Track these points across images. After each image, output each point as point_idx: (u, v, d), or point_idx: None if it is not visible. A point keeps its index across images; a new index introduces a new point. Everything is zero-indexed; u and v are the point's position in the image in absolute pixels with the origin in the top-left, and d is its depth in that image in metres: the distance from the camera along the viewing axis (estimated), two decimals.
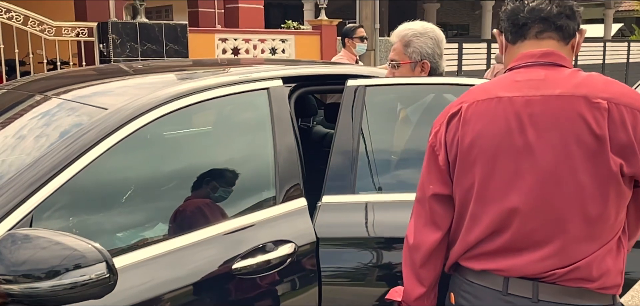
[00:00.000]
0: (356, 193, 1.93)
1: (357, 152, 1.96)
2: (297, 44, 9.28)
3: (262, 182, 1.90)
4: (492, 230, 1.35)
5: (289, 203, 1.87)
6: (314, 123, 3.54)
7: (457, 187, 1.41)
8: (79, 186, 1.54)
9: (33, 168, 1.50)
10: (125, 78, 2.24)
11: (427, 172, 1.47)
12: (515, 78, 1.37)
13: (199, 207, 1.79)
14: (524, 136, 1.30)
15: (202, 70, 2.45)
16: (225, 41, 8.64)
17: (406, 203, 1.91)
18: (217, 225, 1.73)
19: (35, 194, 1.46)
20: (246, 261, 1.68)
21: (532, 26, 1.39)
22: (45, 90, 2.07)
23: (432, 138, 1.46)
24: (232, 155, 1.94)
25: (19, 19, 6.39)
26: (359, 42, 4.69)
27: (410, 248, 1.50)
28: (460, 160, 1.38)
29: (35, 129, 1.74)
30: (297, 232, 1.82)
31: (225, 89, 1.89)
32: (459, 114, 1.39)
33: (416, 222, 1.50)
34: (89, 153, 1.54)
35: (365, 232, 1.89)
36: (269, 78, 2.01)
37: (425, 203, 1.47)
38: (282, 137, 1.92)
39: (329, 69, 2.41)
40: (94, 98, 1.87)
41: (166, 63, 2.78)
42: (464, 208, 1.41)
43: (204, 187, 1.83)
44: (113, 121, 1.63)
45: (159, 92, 1.77)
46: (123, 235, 1.71)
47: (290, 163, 1.91)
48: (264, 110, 1.95)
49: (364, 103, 2.01)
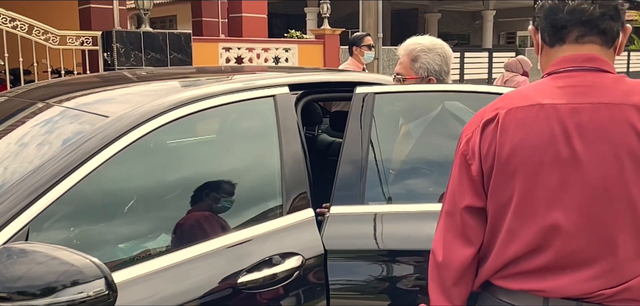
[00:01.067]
0: (365, 204, 1.85)
1: (366, 161, 1.87)
2: (300, 53, 9.22)
3: (268, 192, 1.82)
4: (532, 248, 1.23)
5: (296, 214, 1.79)
6: (319, 131, 3.46)
7: (491, 200, 1.28)
8: (79, 195, 1.47)
9: (32, 177, 1.42)
10: (128, 86, 2.16)
11: (458, 182, 1.32)
12: (557, 84, 1.25)
13: (203, 218, 1.71)
14: (570, 147, 1.19)
15: (206, 77, 2.38)
16: (229, 50, 8.59)
17: (418, 215, 1.83)
18: (221, 237, 1.64)
19: (34, 204, 1.38)
20: (252, 275, 1.60)
21: (572, 29, 1.26)
22: (47, 97, 1.99)
23: (463, 146, 1.31)
24: (237, 165, 1.86)
25: (23, 27, 6.34)
26: (367, 50, 4.62)
27: (440, 265, 1.34)
28: (498, 171, 1.25)
29: (35, 137, 1.66)
30: (305, 244, 1.74)
31: (230, 97, 1.82)
32: (495, 121, 1.26)
33: (445, 237, 1.34)
34: (90, 162, 1.46)
35: (375, 244, 1.80)
36: (275, 85, 1.94)
37: (457, 216, 1.33)
38: (288, 146, 1.84)
39: (336, 76, 2.33)
40: (96, 106, 1.79)
41: (170, 70, 2.71)
42: (498, 222, 1.28)
43: (208, 197, 1.75)
44: (114, 129, 1.55)
45: (162, 99, 1.69)
46: (125, 246, 1.64)
47: (297, 173, 1.83)
48: (270, 118, 1.88)
49: (373, 111, 1.93)
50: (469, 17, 22.73)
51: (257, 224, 1.72)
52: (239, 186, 1.82)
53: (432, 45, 2.26)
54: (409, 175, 2.01)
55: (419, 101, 2.10)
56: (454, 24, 23.00)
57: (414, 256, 1.75)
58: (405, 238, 1.76)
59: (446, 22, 21.59)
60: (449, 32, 22.96)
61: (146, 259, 1.51)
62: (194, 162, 1.84)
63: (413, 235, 1.77)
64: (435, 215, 1.81)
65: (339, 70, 2.58)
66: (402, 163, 2.05)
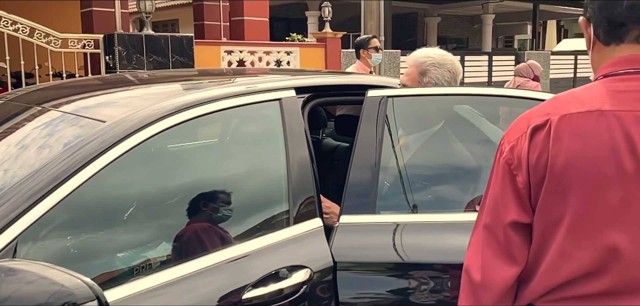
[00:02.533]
0: (377, 213, 1.73)
1: (378, 168, 1.76)
2: (302, 56, 9.11)
3: (274, 201, 1.70)
4: (588, 271, 1.09)
5: (303, 224, 1.67)
6: (324, 135, 3.35)
7: (540, 215, 1.12)
8: (73, 204, 1.35)
9: (22, 185, 1.31)
10: (128, 89, 2.05)
11: (502, 194, 1.15)
12: (616, 88, 1.11)
13: (204, 230, 1.59)
14: (635, 160, 1.04)
15: (208, 80, 2.26)
16: (231, 53, 8.47)
17: (434, 225, 1.72)
18: (224, 250, 1.53)
19: (23, 215, 1.26)
20: (258, 291, 1.48)
21: (633, 28, 1.11)
22: (43, 101, 1.88)
23: (507, 154, 1.14)
24: (241, 172, 1.74)
25: (25, 30, 6.23)
26: (374, 52, 4.50)
27: (477, 285, 1.17)
28: (549, 184, 1.09)
29: (28, 143, 1.55)
30: (313, 256, 1.62)
31: (233, 100, 1.70)
32: (546, 128, 1.10)
33: (484, 254, 1.17)
34: (85, 170, 1.35)
35: (388, 256, 1.68)
36: (281, 88, 1.82)
37: (499, 231, 1.16)
38: (295, 152, 1.72)
39: (344, 79, 2.21)
40: (93, 110, 1.68)
41: (171, 73, 2.59)
42: (546, 240, 1.13)
43: (210, 206, 1.63)
44: (112, 135, 1.44)
45: (163, 103, 1.58)
46: (123, 255, 1.52)
47: (304, 181, 1.71)
48: (276, 123, 1.76)
49: (386, 115, 1.81)
50: (467, 21, 22.62)
51: (262, 235, 1.60)
52: (243, 194, 1.70)
53: (443, 60, 2.14)
54: (424, 182, 1.89)
55: (436, 102, 1.98)
56: (453, 28, 22.88)
57: (430, 270, 1.64)
58: (421, 251, 1.65)
59: (445, 25, 21.48)
60: (448, 36, 22.85)
61: (144, 274, 1.39)
62: (195, 169, 1.71)
63: (429, 247, 1.65)
64: (452, 225, 1.70)
65: (346, 73, 2.46)
66: (417, 170, 1.93)
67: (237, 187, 1.70)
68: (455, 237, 1.64)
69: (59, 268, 1.09)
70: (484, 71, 12.55)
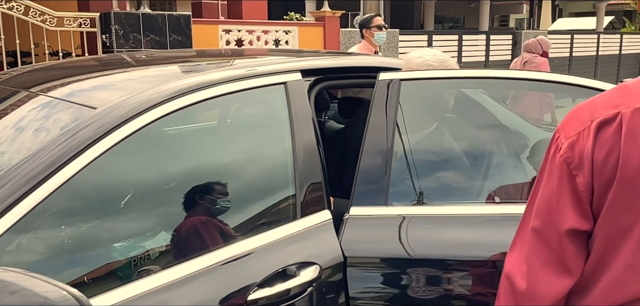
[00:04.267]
0: (389, 205, 1.59)
1: (390, 156, 1.62)
2: (301, 35, 8.90)
3: (280, 192, 1.56)
4: None
5: (311, 217, 1.53)
6: (326, 118, 3.20)
7: (605, 223, 0.96)
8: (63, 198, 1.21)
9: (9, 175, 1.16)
10: (124, 70, 1.89)
11: (557, 197, 0.99)
12: None
13: (206, 224, 1.45)
14: None
15: (209, 61, 2.10)
16: (229, 32, 8.26)
17: (449, 218, 1.58)
18: (228, 247, 1.39)
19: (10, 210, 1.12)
20: (264, 291, 1.35)
21: None
22: (31, 85, 1.72)
23: (565, 150, 0.98)
24: (244, 163, 1.60)
25: (20, 9, 6.01)
26: (377, 30, 4.31)
27: (522, 294, 1.02)
28: (619, 188, 0.93)
29: (10, 134, 1.39)
30: (321, 251, 1.49)
31: (235, 84, 1.55)
32: (616, 123, 0.94)
33: (531, 261, 1.02)
34: (71, 165, 1.20)
35: (401, 251, 1.55)
36: (286, 71, 1.67)
37: (552, 238, 1.00)
38: (301, 140, 1.58)
39: (353, 60, 2.05)
40: (85, 95, 1.52)
41: (170, 53, 2.42)
42: (611, 251, 0.97)
43: (211, 199, 1.48)
44: (103, 124, 1.29)
45: (160, 87, 1.43)
46: (116, 254, 1.38)
47: (311, 170, 1.57)
48: (281, 108, 1.61)
49: (399, 99, 1.67)
50: (464, 0, 22.32)
51: (268, 229, 1.47)
52: (247, 186, 1.56)
53: (438, 62, 1.95)
54: (441, 171, 1.75)
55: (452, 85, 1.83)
56: (449, 8, 22.56)
57: (447, 267, 1.50)
58: (435, 245, 1.52)
59: (442, 5, 21.16)
60: (444, 15, 22.56)
61: (138, 278, 1.25)
62: (195, 159, 1.56)
63: (445, 240, 1.52)
64: (472, 219, 1.56)
65: (354, 54, 2.30)
66: (433, 158, 1.79)
67: (240, 178, 1.56)
68: (476, 231, 1.51)
69: (43, 278, 0.95)
70: (481, 51, 12.35)
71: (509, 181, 1.75)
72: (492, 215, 1.57)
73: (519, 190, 1.69)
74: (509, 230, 1.53)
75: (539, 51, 5.87)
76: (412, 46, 10.69)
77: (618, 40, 16.46)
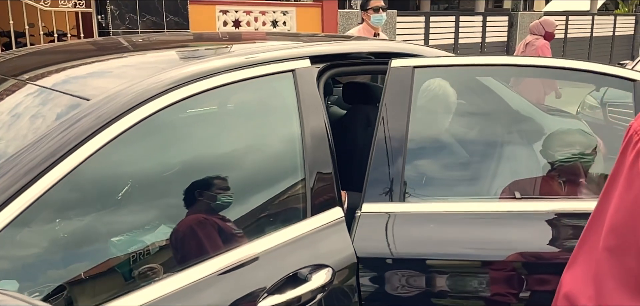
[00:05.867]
0: (405, 201, 1.47)
1: (405, 148, 1.49)
2: (298, 17, 8.69)
3: (289, 190, 1.43)
4: None
5: (322, 216, 1.41)
6: (329, 103, 3.06)
7: None
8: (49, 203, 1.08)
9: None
10: (121, 56, 1.74)
11: (633, 207, 0.83)
12: None
13: (213, 226, 1.32)
14: None
15: (206, 47, 1.95)
16: (226, 13, 8.05)
17: (468, 215, 1.47)
18: (235, 250, 1.26)
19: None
20: (275, 298, 1.23)
21: None
22: (20, 72, 1.57)
23: None
24: (251, 159, 1.46)
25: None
26: (373, 13, 4.13)
27: None
28: None
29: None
30: (334, 252, 1.37)
31: (241, 73, 1.41)
32: None
33: (602, 282, 0.86)
34: (59, 167, 1.07)
35: (418, 251, 1.43)
36: (294, 57, 1.53)
37: (629, 258, 0.83)
38: (311, 133, 1.45)
39: (364, 45, 1.90)
40: (77, 84, 1.38)
41: (168, 37, 2.27)
42: None
43: (218, 199, 1.35)
44: (97, 117, 1.15)
45: (160, 76, 1.29)
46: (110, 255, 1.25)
47: (322, 166, 1.44)
48: (289, 98, 1.48)
49: (413, 87, 1.53)
50: None
51: (277, 230, 1.34)
52: (255, 184, 1.42)
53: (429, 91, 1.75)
54: (459, 165, 1.63)
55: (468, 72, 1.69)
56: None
57: (467, 267, 1.39)
58: (455, 244, 1.40)
59: None
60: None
61: (132, 289, 1.13)
62: (199, 155, 1.42)
63: (464, 239, 1.40)
64: (491, 216, 1.44)
65: (364, 39, 2.16)
66: (450, 150, 1.66)
67: (249, 176, 1.42)
68: (490, 228, 1.40)
69: (23, 296, 0.82)
70: (477, 32, 12.16)
71: (531, 175, 1.63)
72: (514, 212, 1.46)
73: (541, 185, 1.58)
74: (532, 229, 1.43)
75: (541, 32, 5.69)
76: (410, 27, 10.49)
77: (612, 22, 16.30)
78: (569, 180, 1.60)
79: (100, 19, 6.27)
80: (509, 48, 12.62)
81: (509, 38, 12.75)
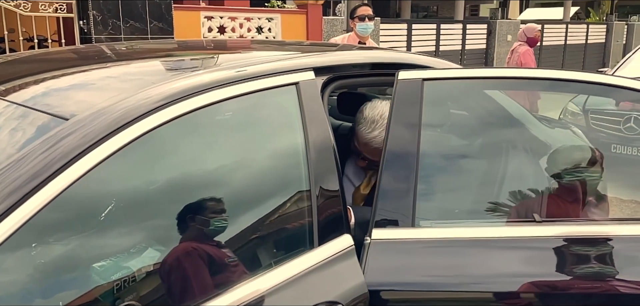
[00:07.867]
0: (416, 226, 1.32)
1: (416, 168, 1.34)
2: (283, 23, 8.52)
3: (294, 218, 1.26)
4: None
5: (330, 245, 1.25)
6: None
7: None
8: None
9: None
10: (105, 66, 1.56)
11: None
12: None
13: (207, 260, 1.14)
14: None
15: (192, 56, 1.77)
16: (211, 19, 7.84)
17: (487, 242, 1.32)
18: (235, 290, 1.09)
19: None
20: None
21: None
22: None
23: None
24: (249, 182, 1.28)
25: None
26: (359, 21, 4.00)
27: None
28: None
29: None
30: (344, 286, 1.21)
31: (239, 87, 1.24)
32: None
33: None
34: (32, 199, 0.89)
35: (435, 282, 1.27)
36: (298, 69, 1.37)
37: None
38: (317, 153, 1.28)
39: (371, 55, 1.73)
40: (57, 99, 1.20)
41: (155, 46, 2.08)
42: None
43: (218, 226, 1.18)
44: (77, 141, 0.97)
45: (149, 91, 1.11)
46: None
47: (329, 189, 1.28)
48: (293, 113, 1.32)
49: (423, 101, 1.39)
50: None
51: (281, 265, 1.17)
52: (254, 210, 1.25)
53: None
54: (476, 186, 1.48)
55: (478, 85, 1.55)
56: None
57: (490, 301, 1.24)
58: (468, 274, 1.25)
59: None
60: (420, 4, 22.33)
61: None
62: (191, 178, 1.24)
63: (480, 269, 1.26)
64: (512, 241, 1.29)
65: (369, 48, 2.01)
66: (467, 170, 1.51)
67: (251, 204, 1.24)
68: (509, 255, 1.26)
69: None
70: (457, 39, 12.14)
71: (551, 195, 1.49)
72: (538, 238, 1.31)
73: (569, 207, 1.44)
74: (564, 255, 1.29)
75: (523, 39, 5.65)
76: (393, 35, 10.41)
77: (585, 31, 16.51)
78: (589, 200, 1.47)
79: (82, 24, 6.01)
80: (487, 55, 12.64)
81: (488, 45, 12.77)
